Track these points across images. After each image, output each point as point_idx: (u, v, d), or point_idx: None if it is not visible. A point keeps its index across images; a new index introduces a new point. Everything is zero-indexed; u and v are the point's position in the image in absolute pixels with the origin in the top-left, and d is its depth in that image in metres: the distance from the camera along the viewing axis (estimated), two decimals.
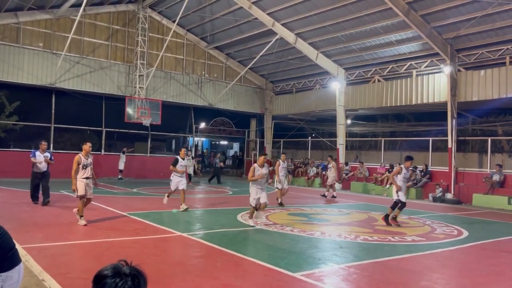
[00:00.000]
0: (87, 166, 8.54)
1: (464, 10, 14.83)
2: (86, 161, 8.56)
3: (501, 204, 14.89)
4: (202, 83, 24.02)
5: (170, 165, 11.78)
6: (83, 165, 8.46)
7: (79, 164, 8.41)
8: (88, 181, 8.55)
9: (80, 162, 8.44)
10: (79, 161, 8.43)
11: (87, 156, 8.66)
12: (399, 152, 22.91)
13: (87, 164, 8.56)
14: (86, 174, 8.53)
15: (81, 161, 8.45)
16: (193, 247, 7.26)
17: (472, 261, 7.06)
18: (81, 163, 8.44)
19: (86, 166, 8.52)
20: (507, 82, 15.43)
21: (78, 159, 8.44)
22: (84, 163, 8.48)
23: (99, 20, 20.91)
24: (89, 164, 8.59)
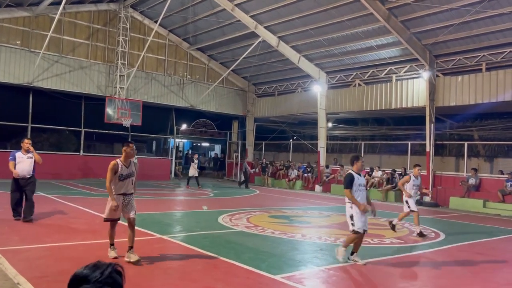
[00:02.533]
0: (126, 177, 6.08)
1: (442, 17, 15.16)
2: (126, 170, 6.08)
3: (476, 207, 15.24)
4: (184, 84, 23.89)
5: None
6: (120, 175, 6.00)
7: (116, 173, 5.99)
8: (125, 199, 6.12)
9: (117, 170, 5.98)
10: (116, 169, 5.98)
11: (129, 162, 6.18)
12: (378, 155, 23.23)
13: (128, 174, 6.09)
14: (124, 188, 6.09)
15: (118, 170, 5.99)
16: (173, 250, 7.20)
17: (449, 263, 7.19)
18: (118, 172, 5.99)
19: (125, 177, 6.07)
20: (483, 88, 15.82)
21: (114, 166, 5.97)
22: (122, 173, 6.03)
23: (79, 18, 20.59)
24: (130, 174, 6.12)
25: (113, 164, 6.00)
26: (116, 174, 5.98)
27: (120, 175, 6.00)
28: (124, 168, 6.06)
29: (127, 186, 6.12)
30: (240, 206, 13.30)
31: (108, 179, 5.98)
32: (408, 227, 10.58)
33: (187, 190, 18.72)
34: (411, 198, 9.60)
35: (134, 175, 6.18)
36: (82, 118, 21.36)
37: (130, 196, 6.18)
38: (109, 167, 5.97)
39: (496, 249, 8.55)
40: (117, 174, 5.99)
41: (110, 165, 5.98)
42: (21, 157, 8.82)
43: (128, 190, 6.14)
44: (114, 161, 6.04)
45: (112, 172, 5.97)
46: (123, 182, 6.06)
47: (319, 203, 15.79)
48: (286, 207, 13.96)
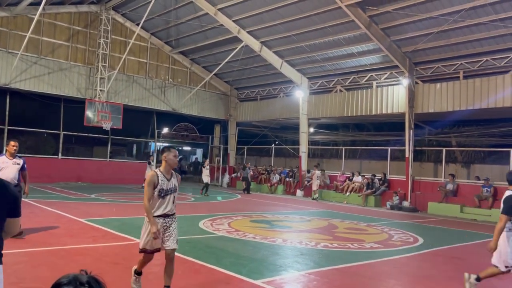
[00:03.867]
0: (168, 192, 4.74)
1: (422, 25, 15.48)
2: (168, 183, 4.74)
3: (454, 212, 15.54)
4: (165, 88, 23.75)
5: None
6: (160, 190, 4.67)
7: (155, 188, 4.65)
8: (165, 222, 4.78)
9: (157, 183, 4.66)
10: (155, 182, 4.65)
11: (170, 173, 4.81)
12: (359, 160, 23.50)
13: (170, 189, 4.75)
14: (165, 208, 4.75)
15: (158, 183, 4.67)
16: (154, 255, 7.12)
17: (426, 267, 7.31)
18: (157, 185, 4.66)
19: (167, 193, 4.73)
20: (461, 96, 16.20)
21: (153, 178, 4.66)
22: (163, 187, 4.69)
23: (59, 20, 20.29)
24: (172, 189, 4.78)
25: (152, 175, 4.67)
26: (155, 189, 4.64)
27: (160, 190, 4.64)
28: (165, 180, 4.68)
29: (169, 205, 4.75)
30: (222, 211, 13.26)
31: (147, 195, 4.61)
32: (387, 232, 10.72)
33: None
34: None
35: (176, 191, 4.82)
36: (61, 121, 21.00)
37: (171, 218, 4.81)
38: (147, 180, 4.66)
39: (473, 253, 8.73)
40: (156, 189, 4.63)
41: (149, 177, 4.67)
42: (6, 162, 7.51)
43: (169, 210, 4.76)
44: (153, 172, 4.74)
45: (151, 186, 4.61)
46: (164, 200, 4.70)
47: (300, 208, 15.86)
48: (267, 211, 13.98)
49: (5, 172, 7.35)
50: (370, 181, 18.55)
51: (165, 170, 4.77)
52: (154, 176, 4.68)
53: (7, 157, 7.58)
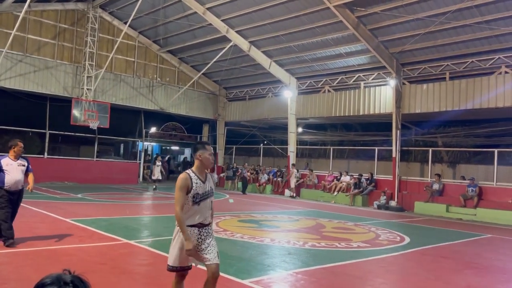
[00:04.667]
0: (204, 197, 3.97)
1: (409, 26, 15.64)
2: (203, 186, 3.98)
3: (440, 211, 15.72)
4: (153, 87, 23.59)
5: None
6: (194, 195, 3.90)
7: (188, 193, 3.88)
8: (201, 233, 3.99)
9: (190, 187, 3.89)
10: (189, 186, 3.88)
11: (205, 175, 4.08)
12: (346, 160, 23.64)
13: (205, 193, 3.99)
14: (200, 216, 3.97)
15: (191, 186, 3.89)
16: (140, 255, 7.08)
17: (413, 266, 7.39)
18: (191, 190, 3.89)
19: (202, 199, 3.96)
20: (447, 97, 16.40)
21: (186, 181, 3.89)
22: (198, 191, 3.92)
23: (45, 17, 20.01)
24: (208, 193, 4.03)
25: (184, 178, 3.87)
26: (189, 194, 3.86)
27: (195, 196, 3.87)
28: (200, 184, 3.92)
29: (205, 212, 3.97)
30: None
31: (179, 202, 3.81)
32: (374, 231, 10.80)
33: (157, 194, 18.46)
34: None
35: (213, 195, 4.08)
36: (47, 120, 20.73)
37: (208, 228, 4.04)
38: (178, 184, 3.84)
39: (458, 252, 8.84)
40: (190, 193, 3.86)
41: (180, 180, 3.85)
42: (10, 164, 6.88)
43: (206, 219, 3.99)
44: (184, 174, 3.92)
45: (183, 191, 3.83)
46: (199, 207, 3.90)
47: (288, 208, 15.90)
48: (255, 211, 13.99)
49: (11, 176, 6.84)
50: (357, 180, 18.68)
51: (199, 171, 4.00)
52: (186, 179, 3.87)
53: (11, 159, 6.98)
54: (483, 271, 7.18)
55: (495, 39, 14.83)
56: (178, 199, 3.85)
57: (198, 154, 4.03)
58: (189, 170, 4.02)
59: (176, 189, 3.87)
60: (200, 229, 3.96)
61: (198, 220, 3.94)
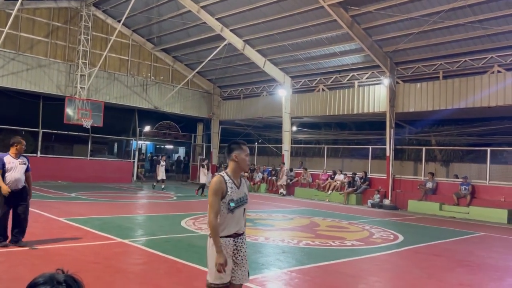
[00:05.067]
0: (239, 204, 3.51)
1: (402, 25, 15.70)
2: (238, 191, 3.52)
3: (433, 210, 15.81)
4: (147, 86, 23.51)
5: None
6: (230, 201, 3.45)
7: (223, 199, 3.44)
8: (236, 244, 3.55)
9: (225, 192, 3.44)
10: (223, 191, 3.45)
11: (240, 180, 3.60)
12: (341, 159, 23.69)
13: (241, 199, 3.53)
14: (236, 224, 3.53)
15: (226, 191, 3.45)
16: (135, 254, 7.06)
17: (406, 264, 7.43)
18: (226, 196, 3.44)
19: (238, 205, 3.50)
20: (440, 96, 16.49)
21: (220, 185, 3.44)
22: (233, 197, 3.47)
23: (38, 15, 19.87)
24: (243, 199, 3.57)
25: (218, 181, 3.43)
26: (223, 199, 3.42)
27: (230, 202, 3.42)
28: (235, 188, 3.47)
29: (240, 220, 3.55)
30: (204, 210, 13.19)
31: (213, 209, 3.38)
32: (368, 230, 10.84)
33: (153, 193, 18.41)
34: None
35: (247, 202, 3.62)
36: (40, 119, 20.59)
37: (242, 238, 3.61)
38: (212, 188, 3.42)
39: (451, 250, 8.90)
40: (224, 199, 3.41)
41: (214, 184, 3.42)
42: (12, 162, 6.71)
43: (241, 228, 3.58)
44: (218, 177, 3.48)
45: (218, 196, 3.41)
46: (234, 214, 3.46)
47: (282, 206, 15.92)
48: (250, 210, 13.94)
49: (12, 174, 6.68)
50: (351, 179, 18.73)
51: (234, 175, 3.54)
52: (221, 182, 3.42)
53: (12, 157, 6.80)
54: (475, 269, 7.24)
55: (487, 39, 14.93)
56: (212, 205, 3.39)
57: (234, 155, 3.54)
58: (223, 172, 3.56)
59: (210, 193, 3.43)
60: (235, 239, 3.54)
61: (234, 230, 3.50)
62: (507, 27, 13.98)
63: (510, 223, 14.04)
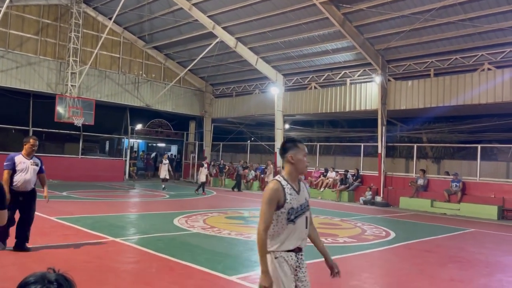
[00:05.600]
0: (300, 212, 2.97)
1: (394, 23, 15.76)
2: (298, 198, 2.97)
3: (425, 206, 15.94)
4: (139, 83, 23.38)
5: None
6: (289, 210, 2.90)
7: (281, 208, 2.89)
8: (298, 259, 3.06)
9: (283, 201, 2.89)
10: (281, 199, 2.89)
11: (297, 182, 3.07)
12: (333, 156, 23.77)
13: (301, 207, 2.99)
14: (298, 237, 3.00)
15: (284, 198, 2.90)
16: (127, 253, 7.03)
17: (398, 260, 7.48)
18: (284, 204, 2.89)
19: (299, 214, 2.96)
20: (431, 93, 16.60)
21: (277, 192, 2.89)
22: (293, 205, 2.92)
23: (28, 12, 19.65)
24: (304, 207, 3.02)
25: (274, 188, 2.89)
26: (281, 209, 2.89)
27: (290, 211, 2.90)
28: (294, 195, 2.95)
29: (303, 232, 3.03)
30: (197, 208, 13.19)
31: (264, 220, 2.86)
32: (360, 227, 10.90)
33: (144, 191, 18.34)
34: None
35: (309, 209, 3.11)
36: (30, 117, 20.40)
37: (303, 253, 3.12)
38: (267, 196, 2.88)
39: (442, 246, 8.98)
40: (283, 208, 2.89)
41: (269, 191, 2.89)
42: (24, 163, 6.42)
43: (303, 240, 3.09)
44: (275, 183, 2.93)
45: (273, 205, 2.87)
46: (295, 225, 2.93)
47: None
48: (243, 208, 14.00)
49: (24, 175, 6.40)
50: (343, 176, 18.82)
51: (292, 178, 3.01)
52: (278, 190, 2.88)
53: (24, 157, 6.51)
54: (466, 264, 7.31)
55: (478, 36, 15.05)
56: (264, 215, 2.86)
57: (290, 156, 3.03)
58: (279, 176, 3.02)
59: (263, 202, 2.89)
60: (297, 254, 3.01)
61: (296, 243, 2.97)
62: (497, 25, 14.11)
63: (500, 219, 14.20)
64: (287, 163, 3.06)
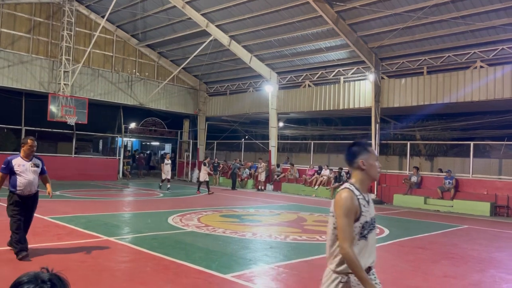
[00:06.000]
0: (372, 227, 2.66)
1: (387, 21, 15.81)
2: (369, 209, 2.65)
3: (418, 203, 16.03)
4: (132, 82, 23.28)
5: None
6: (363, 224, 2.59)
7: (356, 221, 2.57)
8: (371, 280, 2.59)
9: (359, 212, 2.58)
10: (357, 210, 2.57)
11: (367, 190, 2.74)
12: (327, 154, 23.86)
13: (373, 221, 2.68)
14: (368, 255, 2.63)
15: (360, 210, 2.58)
16: (121, 252, 7.01)
17: (391, 257, 7.52)
18: (360, 217, 2.58)
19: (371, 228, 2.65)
20: (424, 91, 16.69)
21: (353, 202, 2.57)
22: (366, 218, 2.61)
23: (19, 10, 19.48)
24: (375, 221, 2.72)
25: (350, 197, 2.58)
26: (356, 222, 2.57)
27: (363, 225, 2.60)
28: (366, 205, 2.65)
29: (373, 249, 2.70)
30: (191, 206, 13.18)
31: (347, 235, 2.52)
32: None
33: (138, 190, 18.27)
34: None
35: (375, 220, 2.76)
36: (22, 116, 20.24)
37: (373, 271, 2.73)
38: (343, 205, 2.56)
39: (435, 243, 9.04)
40: (360, 221, 2.58)
41: (345, 200, 2.58)
42: (23, 165, 6.08)
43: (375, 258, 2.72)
44: (347, 192, 2.62)
45: (351, 218, 2.56)
46: (367, 241, 2.63)
47: (270, 202, 15.96)
48: (237, 206, 14.00)
49: (25, 178, 6.08)
50: (337, 174, 18.86)
51: (362, 187, 2.70)
52: (353, 199, 2.57)
53: (23, 158, 6.17)
54: (459, 261, 7.37)
55: (470, 34, 15.14)
56: (345, 230, 2.50)
57: (361, 161, 2.71)
58: (350, 185, 2.68)
59: (340, 215, 2.54)
60: (368, 273, 2.61)
61: (368, 262, 2.61)
62: (489, 22, 14.20)
63: (493, 216, 14.32)
64: (357, 169, 2.75)
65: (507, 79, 14.70)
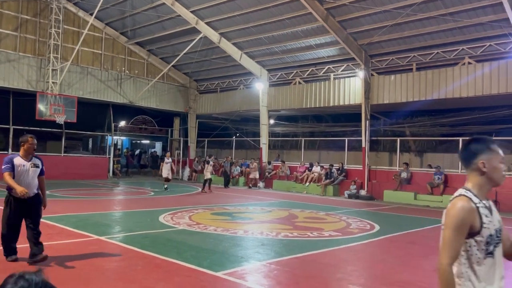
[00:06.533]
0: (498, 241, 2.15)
1: (376, 18, 15.88)
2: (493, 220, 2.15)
3: (408, 199, 16.17)
4: (122, 80, 23.11)
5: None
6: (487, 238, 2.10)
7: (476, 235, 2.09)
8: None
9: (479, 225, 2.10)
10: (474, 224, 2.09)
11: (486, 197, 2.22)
12: (318, 151, 23.94)
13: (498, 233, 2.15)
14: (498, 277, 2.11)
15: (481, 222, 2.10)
16: (112, 251, 6.97)
17: (382, 253, 7.59)
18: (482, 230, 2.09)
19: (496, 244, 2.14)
20: (414, 87, 16.81)
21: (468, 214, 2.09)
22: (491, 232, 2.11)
23: (6, 8, 19.21)
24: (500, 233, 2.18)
25: (466, 209, 2.11)
26: (476, 236, 2.11)
27: (487, 239, 2.11)
28: (489, 216, 2.15)
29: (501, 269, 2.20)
30: (182, 204, 13.14)
31: (450, 250, 2.09)
32: (345, 220, 11.00)
33: (128, 189, 18.17)
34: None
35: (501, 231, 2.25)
36: (10, 115, 20.00)
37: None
38: (455, 218, 2.12)
39: (425, 238, 9.14)
40: (479, 236, 2.11)
41: (457, 212, 2.11)
42: (23, 165, 5.76)
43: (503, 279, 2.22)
44: (464, 200, 2.16)
45: (461, 235, 2.10)
46: (494, 259, 2.15)
47: (261, 199, 15.98)
48: (228, 204, 13.99)
49: (25, 179, 5.74)
50: (328, 171, 18.95)
51: (482, 193, 2.21)
52: (470, 211, 2.11)
53: (22, 158, 5.81)
54: None
55: (458, 31, 15.26)
56: (450, 245, 2.08)
57: (481, 162, 2.20)
58: (466, 191, 2.20)
59: (449, 226, 2.12)
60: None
61: (497, 285, 2.12)
62: (477, 19, 14.33)
63: None
64: (475, 171, 2.23)
65: (495, 75, 14.86)
